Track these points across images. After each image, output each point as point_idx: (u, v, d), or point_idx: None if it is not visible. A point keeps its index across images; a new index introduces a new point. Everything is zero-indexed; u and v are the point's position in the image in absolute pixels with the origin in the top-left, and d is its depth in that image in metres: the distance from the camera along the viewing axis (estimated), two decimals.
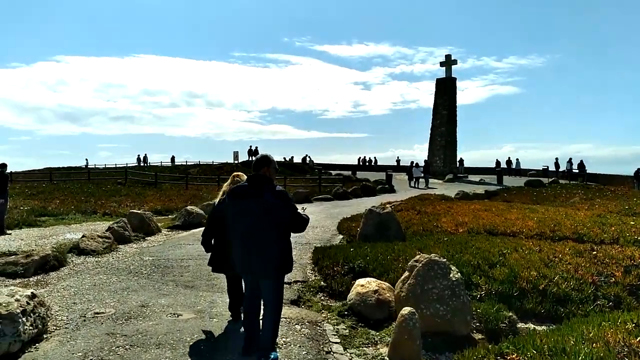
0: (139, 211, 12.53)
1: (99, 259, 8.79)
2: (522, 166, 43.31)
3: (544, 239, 10.53)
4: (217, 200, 5.48)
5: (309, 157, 49.42)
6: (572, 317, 6.27)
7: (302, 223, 4.28)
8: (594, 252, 8.54)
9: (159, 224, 14.00)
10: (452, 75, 38.89)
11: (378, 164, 51.18)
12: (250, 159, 44.09)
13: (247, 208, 4.08)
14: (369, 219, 9.88)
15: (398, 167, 45.19)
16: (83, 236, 9.53)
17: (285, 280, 7.23)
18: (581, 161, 36.66)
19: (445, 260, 5.42)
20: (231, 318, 5.44)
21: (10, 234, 12.09)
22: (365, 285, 5.94)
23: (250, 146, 45.12)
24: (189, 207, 14.27)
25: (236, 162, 45.19)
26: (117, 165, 57.65)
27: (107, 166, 60.18)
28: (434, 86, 39.52)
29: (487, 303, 6.00)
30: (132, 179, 31.97)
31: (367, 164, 50.83)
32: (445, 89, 38.32)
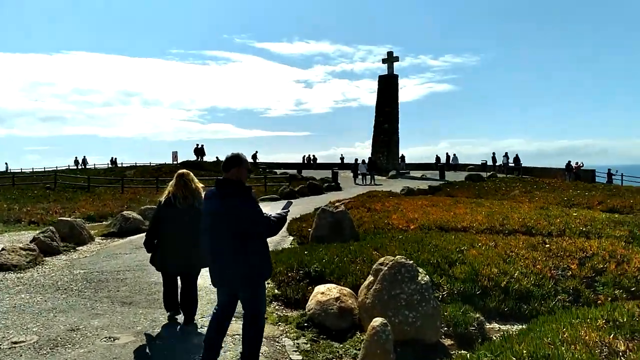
0: (68, 218, 11.41)
1: (21, 274, 7.77)
2: (460, 161, 44.53)
3: (495, 233, 10.53)
4: (162, 199, 5.28)
5: (257, 153, 47.90)
6: (535, 314, 6.13)
7: (274, 227, 3.86)
8: (547, 245, 8.54)
9: (92, 232, 12.88)
10: (394, 73, 39.29)
11: (320, 162, 50.98)
12: (198, 159, 42.34)
13: (216, 216, 3.73)
14: (322, 219, 9.44)
15: (342, 165, 45.21)
16: (2, 249, 8.43)
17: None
18: (517, 155, 38.17)
19: (412, 262, 5.04)
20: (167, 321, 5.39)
21: None
22: (325, 292, 5.47)
23: (197, 144, 43.16)
24: (125, 212, 13.24)
25: (175, 162, 43.35)
26: (46, 169, 54.04)
27: (34, 170, 56.33)
28: (375, 84, 39.78)
29: (453, 305, 5.70)
30: (62, 184, 29.81)
31: (311, 162, 50.55)
32: (388, 87, 38.64)
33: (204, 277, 5.00)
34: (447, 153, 44.92)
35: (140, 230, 12.67)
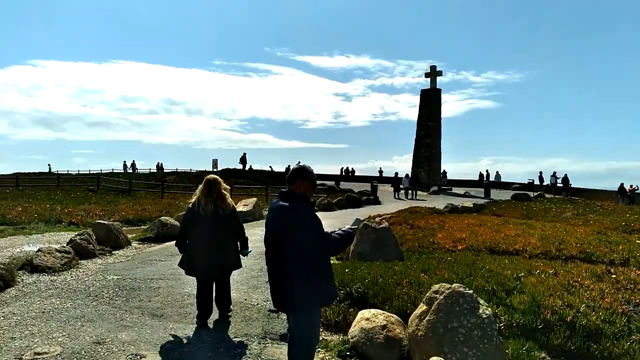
0: (106, 221, 11.32)
1: (55, 277, 7.59)
2: (502, 179, 42.98)
3: (551, 259, 9.73)
4: (191, 203, 5.44)
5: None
6: (607, 355, 5.40)
7: (336, 245, 3.57)
8: (614, 276, 7.72)
9: (129, 236, 12.79)
10: (437, 87, 38.45)
11: (358, 174, 50.42)
12: (244, 167, 42.62)
13: (271, 228, 3.56)
14: (364, 235, 8.91)
15: (381, 178, 44.47)
16: (39, 250, 8.31)
17: (274, 308, 6.23)
18: (565, 175, 36.47)
19: (471, 291, 4.46)
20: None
21: None
22: (370, 319, 4.94)
23: (244, 154, 43.45)
24: (162, 218, 13.09)
25: (215, 170, 43.77)
26: (91, 172, 55.70)
27: (79, 172, 58.17)
28: (415, 98, 39.02)
29: (515, 341, 5.06)
30: (105, 186, 30.42)
31: (349, 174, 50.02)
32: (430, 100, 37.81)
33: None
34: (486, 170, 43.42)
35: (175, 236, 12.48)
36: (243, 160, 42.74)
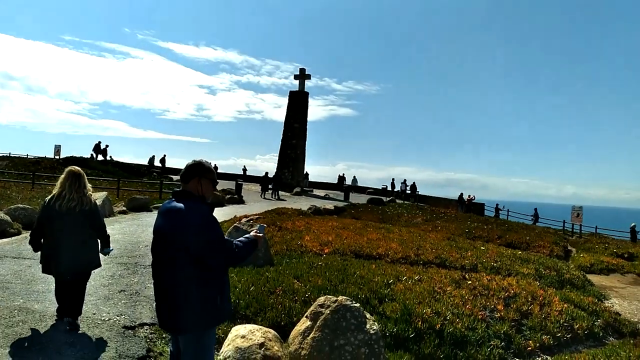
0: None
1: None
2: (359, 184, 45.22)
3: (411, 263, 10.19)
4: (54, 195, 4.96)
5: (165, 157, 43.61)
6: None
7: (239, 253, 3.02)
8: (469, 282, 8.26)
9: None
10: (305, 90, 39.04)
11: (219, 171, 49.05)
12: (97, 157, 37.93)
13: (160, 232, 3.00)
14: (232, 237, 8.32)
15: (245, 177, 43.77)
16: None
17: (129, 323, 5.36)
18: (414, 183, 39.59)
19: (358, 305, 4.22)
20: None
21: None
22: (247, 336, 4.42)
23: (99, 142, 38.51)
24: None
25: (57, 157, 38.87)
26: None
27: None
28: (281, 99, 39.32)
29: (393, 354, 4.96)
30: None
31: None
32: (298, 103, 38.21)
33: None
34: (342, 174, 45.36)
35: (6, 233, 10.54)
36: (99, 150, 38.40)
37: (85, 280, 5.27)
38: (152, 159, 41.95)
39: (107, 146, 38.97)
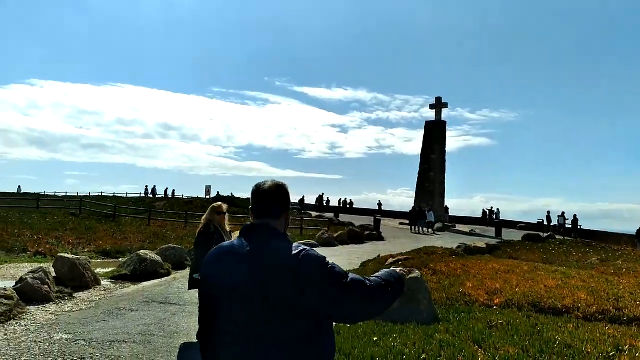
0: (70, 255, 9.38)
1: None
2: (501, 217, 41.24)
3: (610, 320, 7.92)
4: (200, 229, 5.45)
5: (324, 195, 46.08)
6: None
7: (389, 296, 1.92)
8: None
9: (103, 271, 10.89)
10: (442, 119, 37.15)
11: (354, 206, 48.72)
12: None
13: (236, 284, 1.76)
14: None
15: (380, 211, 42.64)
16: None
17: None
18: (575, 216, 34.87)
19: None
20: None
21: None
22: None
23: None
24: (142, 252, 11.16)
25: (208, 197, 41.87)
26: (79, 194, 53.53)
27: (67, 194, 55.98)
28: (411, 132, 37.89)
29: None
30: (88, 210, 28.38)
31: (346, 206, 48.15)
32: (435, 133, 36.42)
33: None
34: (491, 208, 41.75)
35: (157, 274, 10.54)
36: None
37: None
38: (320, 197, 43.92)
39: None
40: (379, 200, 46.37)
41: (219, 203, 5.86)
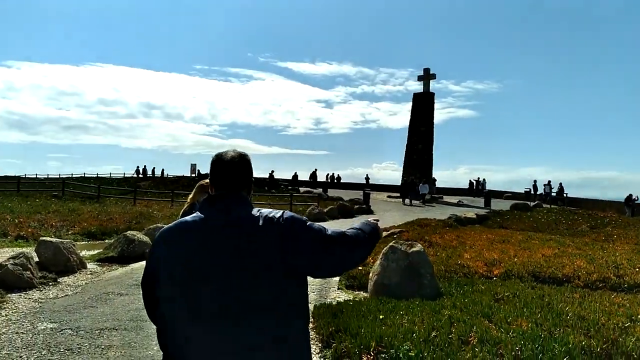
0: (53, 239, 8.94)
1: None
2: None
3: (612, 288, 7.82)
4: (185, 209, 4.47)
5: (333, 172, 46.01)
6: None
7: (366, 244, 1.92)
8: None
9: (88, 253, 10.50)
10: (430, 91, 36.76)
11: (342, 181, 48.66)
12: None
13: (217, 260, 1.65)
14: (391, 261, 6.79)
15: (368, 185, 42.53)
16: None
17: None
18: (560, 184, 35.13)
19: None
20: None
21: None
22: None
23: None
24: (129, 233, 10.75)
25: (193, 175, 41.31)
26: (61, 175, 52.36)
27: (49, 176, 54.75)
28: (396, 106, 37.50)
29: None
30: (71, 192, 27.66)
31: (334, 181, 47.98)
32: (424, 105, 36.07)
33: None
34: (478, 178, 41.89)
35: (145, 256, 10.15)
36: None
37: None
38: (313, 174, 43.84)
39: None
40: (367, 175, 46.33)
41: (207, 180, 5.37)
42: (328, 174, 47.86)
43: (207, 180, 4.64)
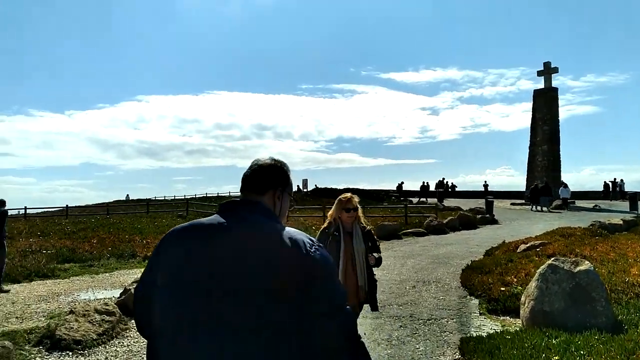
0: None
1: None
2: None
3: None
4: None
5: (446, 180, 45.12)
6: None
7: None
8: None
9: None
10: (553, 86, 33.43)
11: (457, 189, 46.06)
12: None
13: (230, 273, 1.35)
14: (553, 283, 5.53)
15: (487, 193, 39.68)
16: (70, 312, 5.90)
17: None
18: None
19: None
20: None
21: (7, 291, 8.90)
22: None
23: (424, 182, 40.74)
24: None
25: (305, 190, 41.77)
26: (186, 197, 56.18)
27: (175, 197, 59.04)
28: (508, 107, 34.35)
29: None
30: (194, 211, 29.16)
31: (448, 189, 45.44)
32: (546, 101, 32.83)
33: None
34: (614, 179, 37.08)
35: None
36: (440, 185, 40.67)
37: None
38: (399, 186, 42.95)
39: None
40: (485, 181, 43.37)
41: (345, 195, 4.21)
42: (443, 180, 44.84)
43: (346, 195, 3.89)
